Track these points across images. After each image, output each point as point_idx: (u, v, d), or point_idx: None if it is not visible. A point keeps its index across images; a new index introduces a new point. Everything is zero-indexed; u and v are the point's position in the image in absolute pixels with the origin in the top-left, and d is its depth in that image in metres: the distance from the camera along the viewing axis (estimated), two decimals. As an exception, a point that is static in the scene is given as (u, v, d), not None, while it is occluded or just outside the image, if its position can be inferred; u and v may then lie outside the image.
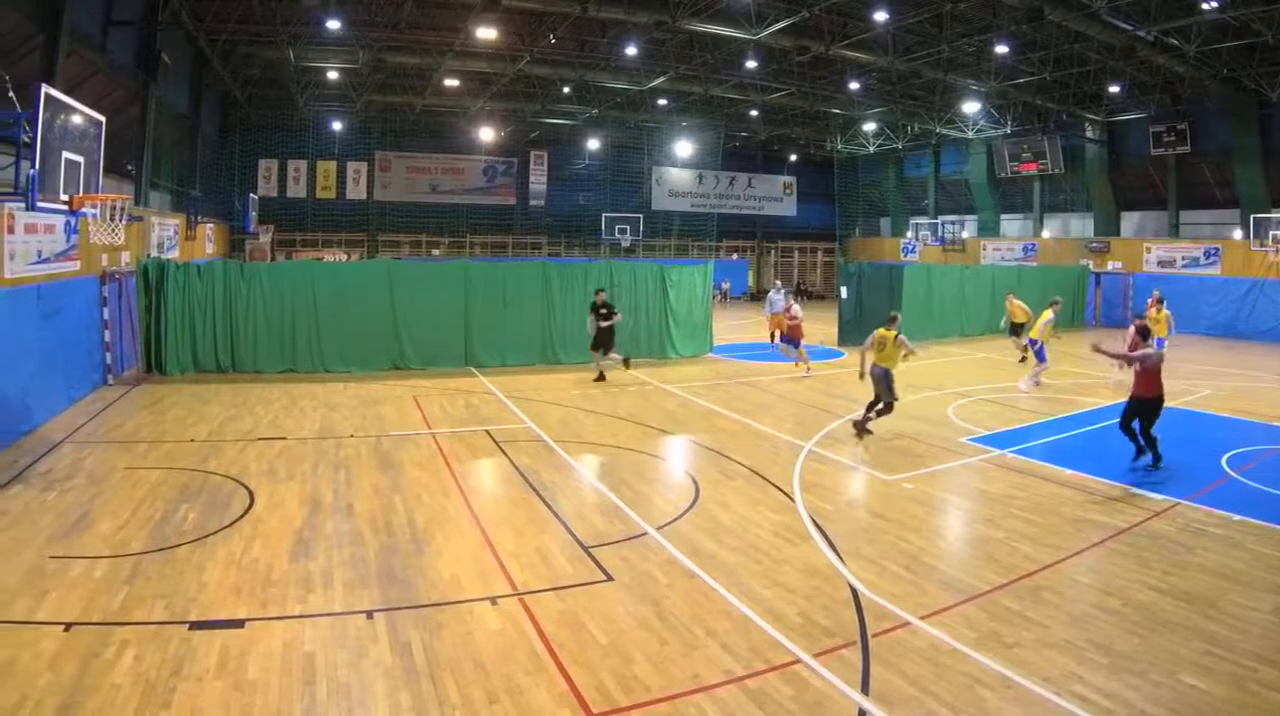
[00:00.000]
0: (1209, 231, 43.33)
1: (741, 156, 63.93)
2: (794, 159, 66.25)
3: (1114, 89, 40.85)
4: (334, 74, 42.42)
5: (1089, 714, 7.16)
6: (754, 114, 52.49)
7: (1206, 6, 28.48)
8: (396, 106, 50.24)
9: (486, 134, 53.33)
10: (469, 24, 32.23)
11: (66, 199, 13.30)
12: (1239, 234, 41.02)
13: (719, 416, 19.23)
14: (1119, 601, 9.45)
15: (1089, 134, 46.59)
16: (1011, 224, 55.19)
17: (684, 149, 59.26)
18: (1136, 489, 13.81)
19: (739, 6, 31.75)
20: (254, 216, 45.66)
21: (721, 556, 10.72)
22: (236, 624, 8.54)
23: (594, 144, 58.31)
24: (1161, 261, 43.37)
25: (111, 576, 9.58)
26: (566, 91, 46.51)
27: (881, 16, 31.42)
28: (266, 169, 51.68)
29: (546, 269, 26.93)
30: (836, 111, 51.70)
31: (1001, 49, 34.64)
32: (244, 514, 11.92)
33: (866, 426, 17.08)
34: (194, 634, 8.30)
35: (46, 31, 20.50)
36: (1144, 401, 14.93)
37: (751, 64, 38.45)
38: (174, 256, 30.01)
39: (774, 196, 65.53)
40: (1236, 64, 35.46)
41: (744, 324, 41.77)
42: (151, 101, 29.96)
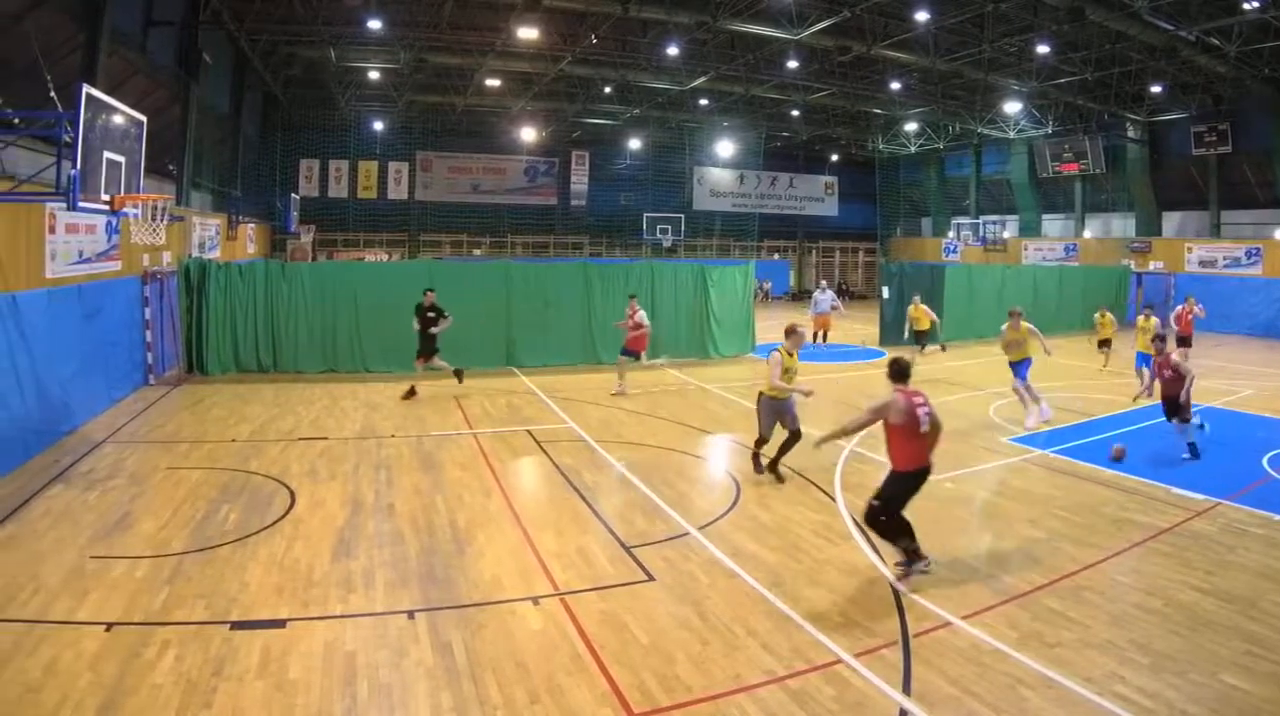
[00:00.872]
0: (1250, 231, 42.85)
1: (783, 156, 63.73)
2: (835, 159, 65.99)
3: (1155, 89, 40.44)
4: (375, 74, 42.58)
5: (1130, 714, 7.11)
6: (795, 114, 52.19)
7: (1248, 6, 28.21)
8: (438, 106, 50.35)
9: (528, 134, 53.26)
10: (510, 24, 32.26)
11: (108, 199, 13.27)
12: (1280, 234, 40.53)
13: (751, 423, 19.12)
14: (1160, 601, 9.39)
15: (1130, 134, 46.08)
16: (1053, 224, 54.72)
17: (725, 149, 59.04)
18: (1178, 489, 13.68)
19: (780, 6, 31.59)
20: (295, 216, 45.85)
21: (763, 556, 10.70)
22: (278, 624, 8.53)
23: (635, 144, 58.25)
24: (1203, 261, 43.01)
25: (153, 576, 9.58)
26: (608, 91, 46.40)
27: (923, 16, 31.23)
28: (308, 169, 51.95)
29: (587, 269, 26.90)
30: (878, 111, 51.41)
31: (1043, 49, 34.35)
32: (285, 514, 11.91)
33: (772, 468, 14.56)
34: (235, 634, 8.31)
35: (87, 32, 20.60)
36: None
37: (793, 64, 38.30)
38: (215, 256, 30.14)
39: (815, 196, 65.32)
40: (1278, 63, 34.99)
41: (785, 324, 41.38)
42: (193, 101, 30.12)
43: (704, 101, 49.46)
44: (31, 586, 9.17)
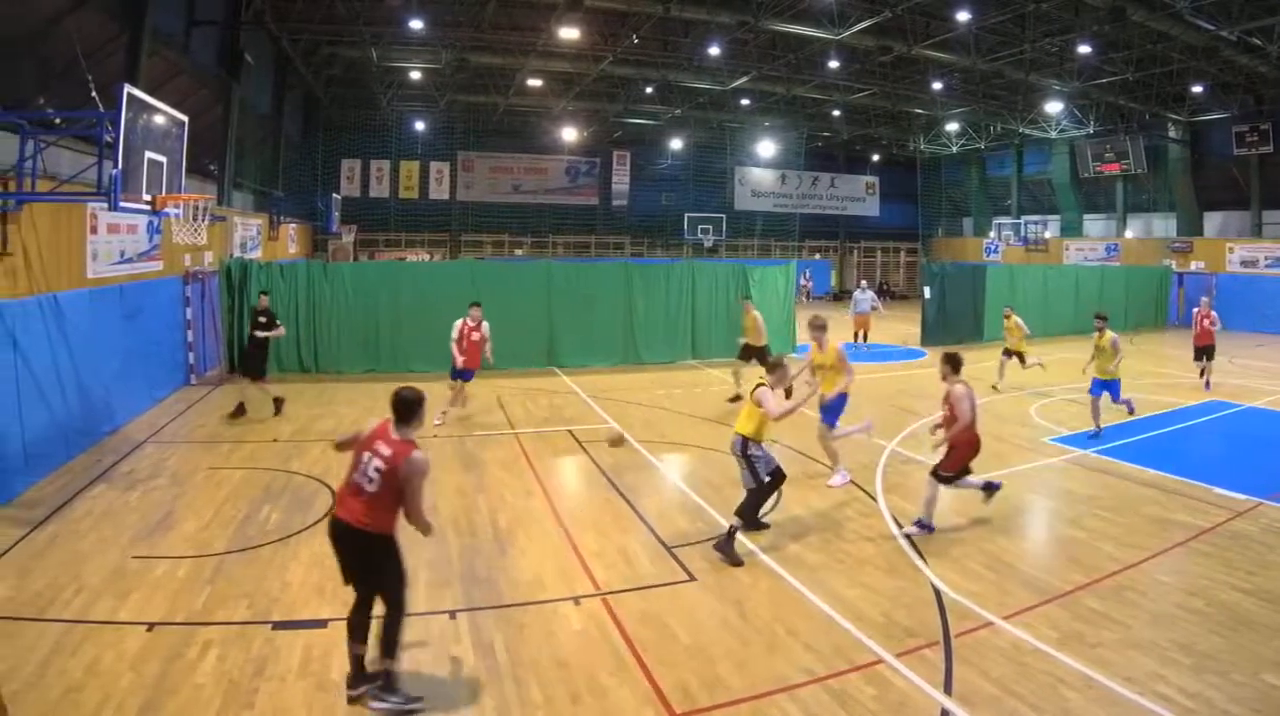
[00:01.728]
0: (1292, 231, 42.56)
1: (824, 156, 63.47)
2: (876, 159, 65.55)
3: (1197, 89, 40.04)
4: (417, 74, 42.72)
5: (1172, 714, 7.09)
6: (836, 114, 51.96)
7: (1289, 6, 27.78)
8: (479, 106, 50.43)
9: (569, 134, 53.21)
10: (552, 24, 32.21)
11: (149, 199, 13.30)
12: (1322, 234, 40.04)
13: (800, 416, 18.92)
14: (1202, 601, 9.37)
15: (1171, 134, 45.67)
16: (1094, 224, 54.34)
17: (766, 149, 58.84)
18: (1219, 489, 13.60)
19: (821, 6, 31.43)
20: (337, 216, 45.95)
21: (804, 556, 10.74)
22: (319, 624, 8.56)
23: (676, 144, 58.06)
24: (1244, 261, 42.59)
25: (194, 576, 9.63)
26: (649, 91, 46.39)
27: (964, 16, 30.94)
28: (349, 169, 52.16)
29: (628, 269, 26.91)
30: (919, 111, 51.06)
31: (1084, 49, 34.02)
32: (327, 513, 11.84)
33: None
34: (277, 634, 8.35)
35: (129, 32, 20.67)
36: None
37: (834, 64, 37.97)
38: (257, 256, 30.30)
39: (856, 196, 64.96)
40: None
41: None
42: (234, 101, 30.25)
43: (745, 101, 49.30)
44: (73, 586, 9.21)
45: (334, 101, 49.32)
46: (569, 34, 32.51)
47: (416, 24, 32.01)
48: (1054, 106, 45.54)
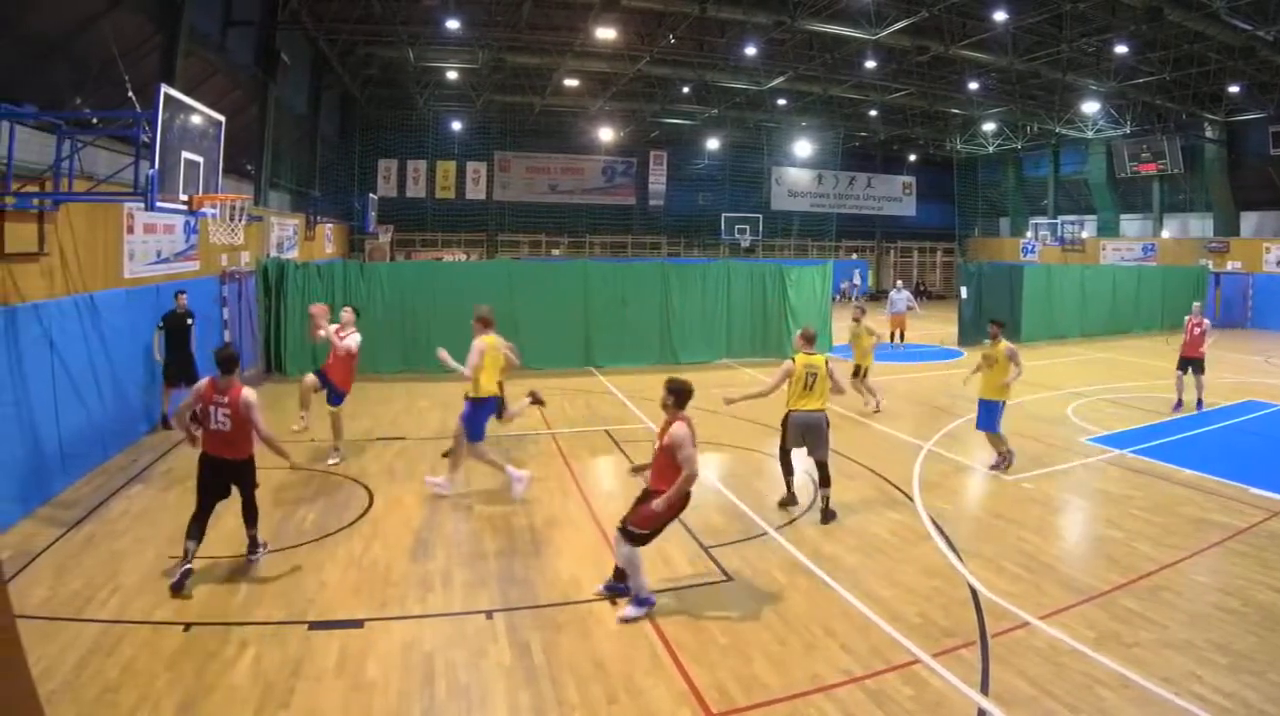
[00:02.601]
0: (1330, 231, 42.10)
1: (860, 156, 63.36)
2: (913, 159, 65.40)
3: (1233, 89, 39.74)
4: (453, 74, 42.99)
5: (1208, 714, 7.10)
6: (873, 114, 51.81)
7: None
8: (516, 106, 50.57)
9: (606, 134, 53.35)
10: (588, 24, 32.29)
11: (186, 199, 13.33)
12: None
13: (837, 416, 18.82)
14: (1239, 601, 9.39)
15: (1208, 134, 45.30)
16: (1131, 224, 54.05)
17: (803, 149, 58.77)
18: (1256, 489, 13.55)
19: (858, 6, 31.42)
20: (373, 216, 46.24)
21: (840, 556, 10.74)
22: (355, 624, 8.60)
23: (713, 144, 58.12)
24: (1281, 261, 42.33)
25: (231, 576, 9.69)
26: (686, 91, 46.45)
27: (1001, 16, 30.87)
28: (386, 169, 52.45)
29: (665, 269, 26.89)
30: (956, 111, 50.93)
31: (1121, 49, 33.89)
32: (363, 514, 11.99)
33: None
34: (313, 634, 8.39)
35: (166, 32, 20.79)
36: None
37: (871, 64, 37.96)
38: (293, 256, 30.46)
39: (893, 196, 64.76)
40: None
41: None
42: (271, 101, 30.46)
43: (782, 101, 49.19)
44: (110, 586, 9.28)
45: (370, 101, 49.57)
46: (605, 34, 32.62)
47: (453, 24, 32.19)
48: (1090, 106, 45.42)
